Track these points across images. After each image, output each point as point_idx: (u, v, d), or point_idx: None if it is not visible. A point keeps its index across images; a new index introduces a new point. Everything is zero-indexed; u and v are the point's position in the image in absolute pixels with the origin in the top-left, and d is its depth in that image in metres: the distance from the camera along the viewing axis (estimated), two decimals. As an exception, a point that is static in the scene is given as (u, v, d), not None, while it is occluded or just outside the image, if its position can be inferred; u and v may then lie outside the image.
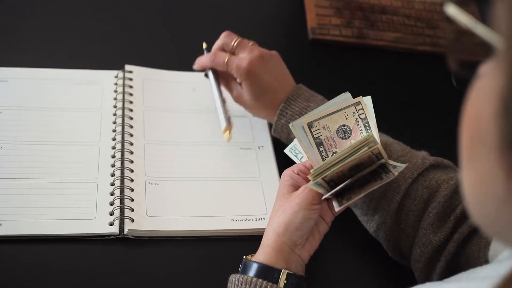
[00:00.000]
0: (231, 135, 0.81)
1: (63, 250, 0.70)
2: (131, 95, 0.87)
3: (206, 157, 0.82)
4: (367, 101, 0.68)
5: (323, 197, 0.65)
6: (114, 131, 0.82)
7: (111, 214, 0.72)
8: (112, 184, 0.76)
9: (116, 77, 0.89)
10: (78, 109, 0.84)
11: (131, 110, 0.85)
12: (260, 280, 0.61)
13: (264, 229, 0.69)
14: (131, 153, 0.79)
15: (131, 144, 0.80)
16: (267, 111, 0.81)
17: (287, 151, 0.74)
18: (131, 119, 0.84)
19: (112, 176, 0.77)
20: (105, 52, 0.95)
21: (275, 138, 0.84)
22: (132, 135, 0.81)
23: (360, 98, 0.68)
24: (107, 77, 0.89)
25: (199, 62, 0.85)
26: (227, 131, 0.80)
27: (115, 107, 0.85)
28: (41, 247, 0.69)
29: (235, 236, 0.75)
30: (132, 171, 0.77)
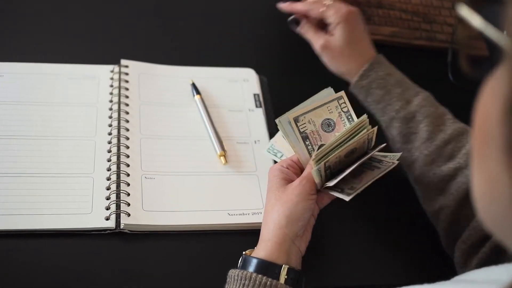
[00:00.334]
0: (226, 160, 0.81)
1: (59, 244, 0.70)
2: (127, 89, 0.87)
3: (202, 151, 0.82)
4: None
5: (329, 184, 0.66)
6: (110, 125, 0.82)
7: (107, 208, 0.72)
8: (108, 179, 0.75)
9: (112, 71, 0.89)
10: (74, 104, 0.84)
11: (127, 105, 0.85)
12: (260, 276, 0.61)
13: (260, 223, 0.69)
14: (127, 147, 0.79)
15: (127, 139, 0.80)
16: (351, 63, 0.81)
17: (264, 151, 0.78)
18: (127, 113, 0.83)
19: (108, 170, 0.76)
20: (101, 46, 0.95)
21: (270, 133, 0.85)
22: (128, 130, 0.81)
23: (342, 93, 0.71)
24: (103, 72, 0.89)
25: (291, 6, 0.87)
26: (221, 156, 0.81)
27: (111, 101, 0.85)
28: (37, 242, 0.69)
29: (231, 231, 0.75)
30: (128, 165, 0.77)
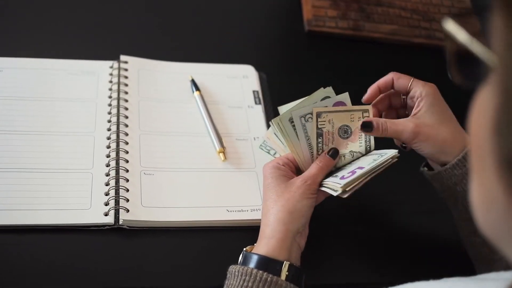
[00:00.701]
0: (225, 156, 0.81)
1: (58, 240, 0.70)
2: (126, 85, 0.87)
3: (201, 147, 0.82)
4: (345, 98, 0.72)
5: (344, 187, 0.66)
6: (109, 121, 0.82)
7: (106, 204, 0.72)
8: (107, 175, 0.75)
9: (111, 67, 0.89)
10: (73, 99, 0.84)
11: (126, 101, 0.85)
12: (261, 272, 0.61)
13: (259, 219, 0.69)
14: (126, 143, 0.79)
15: (126, 135, 0.80)
16: (442, 141, 0.69)
17: (258, 147, 0.79)
18: (126, 109, 0.83)
19: (107, 166, 0.76)
20: (100, 42, 0.95)
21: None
22: (127, 126, 0.81)
23: (369, 107, 0.71)
24: (102, 68, 0.89)
25: (373, 87, 0.75)
26: (220, 153, 0.81)
27: (110, 97, 0.85)
28: (35, 237, 0.69)
29: (230, 227, 0.75)
30: (127, 161, 0.77)
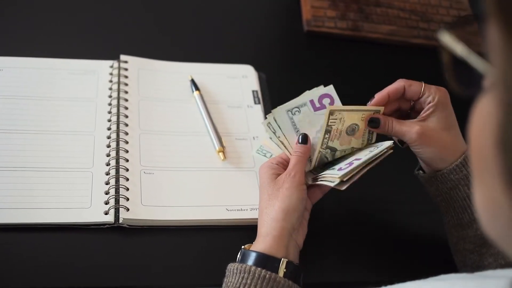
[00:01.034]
0: (225, 156, 0.81)
1: (58, 238, 0.70)
2: (126, 85, 0.87)
3: (201, 147, 0.82)
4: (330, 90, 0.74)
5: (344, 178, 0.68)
6: (109, 120, 0.82)
7: (106, 203, 0.73)
8: (107, 174, 0.76)
9: (111, 67, 0.89)
10: (73, 99, 0.84)
11: (126, 100, 0.85)
12: (260, 269, 0.62)
13: (257, 218, 0.70)
14: (126, 142, 0.79)
15: (126, 134, 0.80)
16: (446, 151, 0.70)
17: (254, 153, 0.80)
18: (126, 109, 0.84)
19: (107, 165, 0.77)
20: (100, 42, 0.95)
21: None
22: (127, 125, 0.82)
23: (382, 108, 0.72)
24: (102, 67, 0.89)
25: (382, 94, 0.73)
26: (220, 152, 0.81)
27: (110, 96, 0.85)
28: (36, 236, 0.69)
29: (229, 226, 0.75)
30: (127, 160, 0.77)
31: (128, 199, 0.73)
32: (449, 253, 0.74)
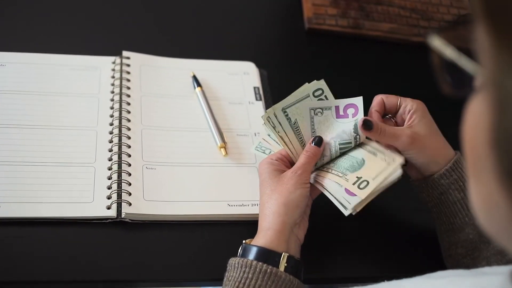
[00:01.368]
0: (227, 152, 0.82)
1: (60, 233, 0.70)
2: (129, 81, 0.87)
3: (203, 143, 0.83)
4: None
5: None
6: (111, 116, 0.83)
7: (109, 198, 0.73)
8: (110, 169, 0.76)
9: (114, 63, 0.90)
10: (75, 94, 0.85)
11: (129, 96, 0.85)
12: (261, 264, 0.62)
13: (258, 214, 0.70)
14: (129, 138, 0.80)
15: (129, 129, 0.81)
16: (438, 156, 0.72)
17: (253, 150, 0.80)
18: (129, 104, 0.84)
19: (109, 160, 0.77)
20: (103, 38, 0.95)
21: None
22: (129, 120, 0.82)
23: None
24: (104, 63, 0.90)
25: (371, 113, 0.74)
26: (222, 148, 0.82)
27: (113, 92, 0.86)
28: (39, 230, 0.70)
29: (231, 221, 0.76)
30: (129, 155, 0.78)
31: (130, 194, 0.74)
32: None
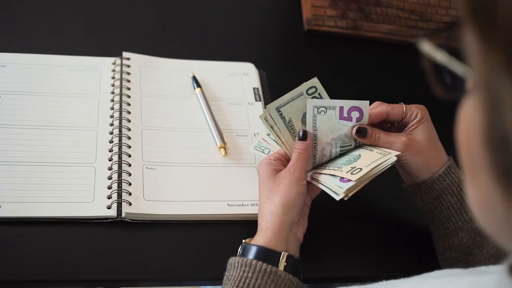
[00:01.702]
0: (227, 152, 0.82)
1: (61, 232, 0.71)
2: (129, 81, 0.88)
3: (202, 143, 0.83)
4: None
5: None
6: (111, 116, 0.83)
7: (109, 197, 0.74)
8: (110, 169, 0.77)
9: (114, 63, 0.90)
10: (76, 95, 0.85)
11: (129, 96, 0.86)
12: (260, 263, 0.63)
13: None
14: (129, 138, 0.80)
15: (129, 130, 0.81)
16: (432, 162, 0.72)
17: (252, 149, 0.79)
18: (129, 105, 0.85)
19: (109, 160, 0.78)
20: (103, 39, 0.96)
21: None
22: (129, 121, 0.83)
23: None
24: (105, 64, 0.90)
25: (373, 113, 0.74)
26: (221, 148, 0.82)
27: (113, 93, 0.86)
28: (39, 229, 0.70)
29: (230, 221, 0.76)
30: (129, 155, 0.78)
31: (130, 193, 0.74)
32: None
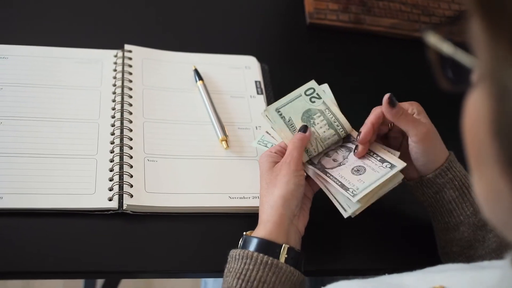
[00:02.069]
0: (228, 145, 0.82)
1: (62, 224, 0.71)
2: (131, 74, 0.88)
3: (204, 136, 0.83)
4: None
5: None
6: (113, 109, 0.83)
7: (110, 189, 0.74)
8: (111, 161, 0.77)
9: (116, 56, 0.90)
10: (78, 87, 0.85)
11: (130, 89, 0.86)
12: (262, 255, 0.63)
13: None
14: (130, 130, 0.80)
15: (130, 122, 0.81)
16: (436, 150, 0.72)
17: (254, 144, 0.79)
18: (130, 97, 0.85)
19: (111, 152, 0.78)
20: (105, 31, 0.96)
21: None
22: (131, 113, 0.83)
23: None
24: (106, 56, 0.90)
25: (367, 127, 0.72)
26: (223, 141, 0.82)
27: (115, 85, 0.86)
28: (41, 221, 0.70)
29: (232, 213, 0.76)
30: (131, 148, 0.78)
31: (132, 185, 0.74)
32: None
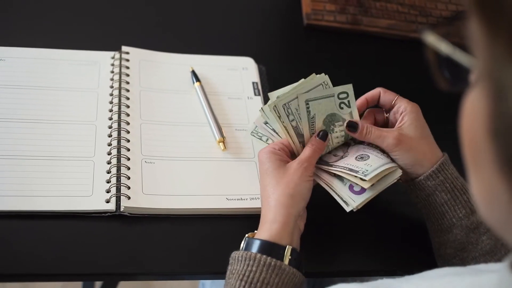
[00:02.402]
0: (225, 146, 0.82)
1: (59, 226, 0.71)
2: (128, 75, 0.88)
3: (201, 137, 0.83)
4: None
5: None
6: (110, 110, 0.83)
7: (108, 191, 0.74)
8: (109, 163, 0.77)
9: (113, 58, 0.90)
10: (75, 89, 0.85)
11: (128, 91, 0.86)
12: (265, 256, 0.63)
13: (258, 208, 0.71)
14: (128, 132, 0.80)
15: (128, 124, 0.81)
16: (425, 157, 0.72)
17: (249, 134, 0.79)
18: (128, 99, 0.85)
19: (108, 154, 0.78)
20: (102, 33, 0.96)
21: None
22: (128, 115, 0.82)
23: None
24: (104, 58, 0.90)
25: (361, 100, 0.77)
26: (220, 142, 0.82)
27: (112, 87, 0.86)
28: (38, 223, 0.70)
29: (229, 215, 0.76)
30: (128, 149, 0.78)
31: (129, 187, 0.74)
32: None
